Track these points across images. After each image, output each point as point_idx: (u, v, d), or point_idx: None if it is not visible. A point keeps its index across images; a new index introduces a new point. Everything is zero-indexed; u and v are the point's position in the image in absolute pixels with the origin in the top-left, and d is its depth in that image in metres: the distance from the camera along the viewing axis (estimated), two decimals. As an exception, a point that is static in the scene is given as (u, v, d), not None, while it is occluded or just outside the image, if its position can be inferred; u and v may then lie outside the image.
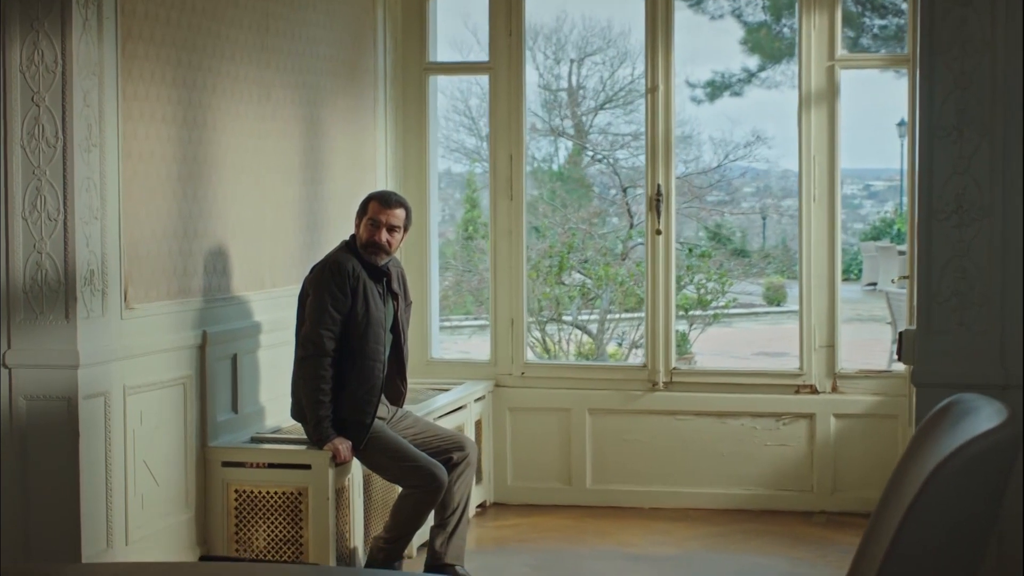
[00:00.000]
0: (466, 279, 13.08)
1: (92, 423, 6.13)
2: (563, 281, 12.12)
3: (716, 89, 21.43)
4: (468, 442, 7.27)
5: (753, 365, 15.21)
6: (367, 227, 6.99)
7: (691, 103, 21.19)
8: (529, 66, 19.23)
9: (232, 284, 7.26)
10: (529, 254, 12.04)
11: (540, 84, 18.14)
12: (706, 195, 17.08)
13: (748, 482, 8.82)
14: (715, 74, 21.16)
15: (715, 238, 18.14)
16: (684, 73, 21.33)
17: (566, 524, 8.62)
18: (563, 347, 12.07)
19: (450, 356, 9.83)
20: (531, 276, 11.97)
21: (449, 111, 17.40)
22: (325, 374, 6.83)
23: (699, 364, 14.01)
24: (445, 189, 18.96)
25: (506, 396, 9.04)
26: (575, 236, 12.34)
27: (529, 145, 18.04)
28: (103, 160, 6.19)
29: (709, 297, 12.51)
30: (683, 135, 17.59)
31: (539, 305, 12.07)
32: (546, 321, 12.02)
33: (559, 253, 11.91)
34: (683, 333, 12.91)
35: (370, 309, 6.90)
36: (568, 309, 12.13)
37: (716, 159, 15.25)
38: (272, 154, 7.61)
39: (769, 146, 15.05)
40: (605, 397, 8.94)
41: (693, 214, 15.33)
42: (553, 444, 9.01)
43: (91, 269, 6.14)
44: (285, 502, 6.92)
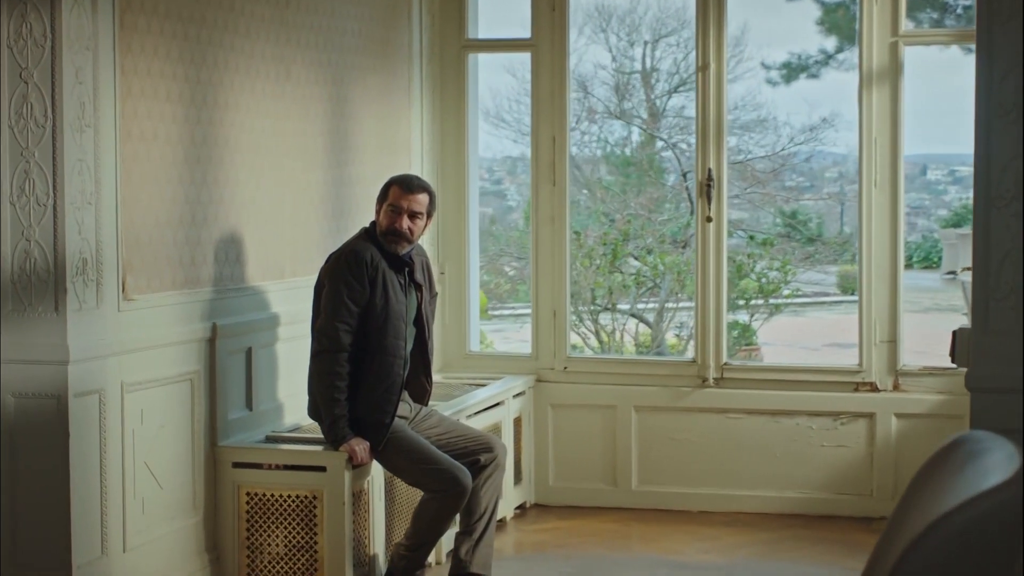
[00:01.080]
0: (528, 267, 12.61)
1: (84, 422, 5.73)
2: (621, 269, 11.63)
3: (792, 71, 20.89)
4: (497, 443, 6.81)
5: (814, 359, 14.66)
6: (387, 213, 6.55)
7: (767, 85, 20.62)
8: (602, 48, 18.77)
9: (247, 274, 6.84)
10: (583, 241, 11.58)
11: (613, 67, 17.65)
12: (783, 180, 16.56)
13: (803, 485, 8.31)
14: (791, 55, 20.63)
15: (791, 224, 17.62)
16: (760, 55, 20.76)
17: (609, 528, 8.15)
18: (617, 338, 11.59)
19: (498, 348, 9.33)
20: (583, 264, 11.49)
21: (520, 93, 16.92)
22: (341, 370, 6.41)
23: (765, 356, 13.53)
24: (520, 175, 18.51)
25: (548, 392, 8.58)
26: (631, 223, 11.84)
27: (603, 129, 17.62)
28: (98, 141, 5.78)
29: (771, 287, 11.98)
30: (758, 118, 17.06)
31: (592, 295, 11.60)
32: (600, 311, 11.54)
33: (613, 241, 11.42)
34: (746, 324, 12.39)
35: (390, 301, 6.46)
36: (623, 298, 11.65)
37: (782, 143, 14.71)
38: (292, 136, 7.18)
39: (836, 129, 14.48)
40: (652, 393, 8.46)
41: (762, 200, 14.79)
42: (597, 443, 8.54)
43: (84, 258, 5.73)
44: (299, 506, 6.49)
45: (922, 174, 29.68)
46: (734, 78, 16.93)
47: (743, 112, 16.60)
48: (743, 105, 16.68)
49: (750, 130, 16.27)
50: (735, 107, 16.28)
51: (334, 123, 7.56)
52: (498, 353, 9.10)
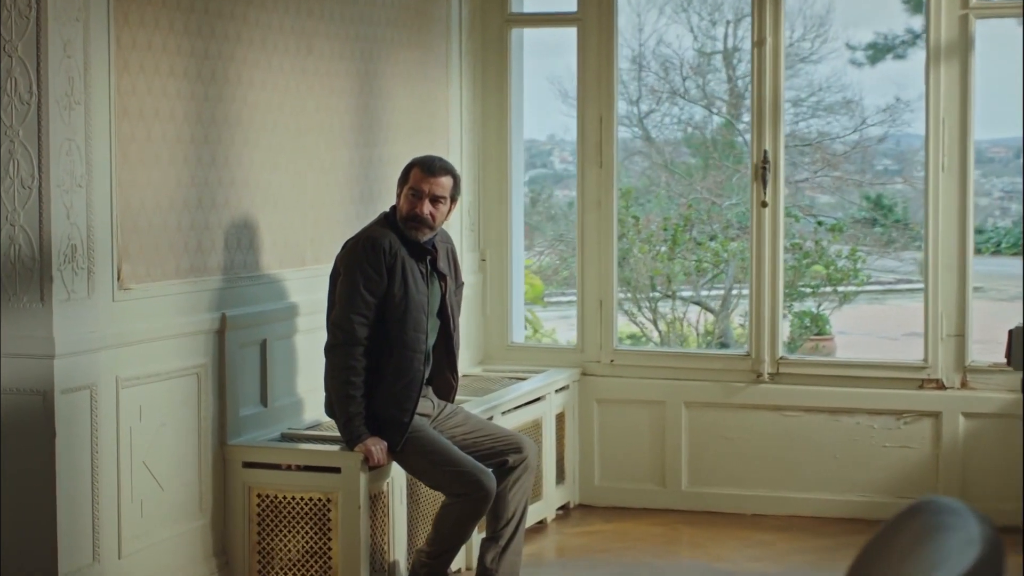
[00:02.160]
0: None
1: (73, 420, 5.34)
2: (686, 256, 11.14)
3: (878, 52, 20.33)
4: (527, 443, 6.37)
5: (890, 349, 14.09)
6: (408, 198, 6.12)
7: (852, 67, 20.01)
8: (683, 28, 18.26)
9: (261, 261, 6.43)
10: (642, 226, 11.11)
11: (695, 47, 17.13)
12: (870, 163, 16.01)
13: (863, 488, 7.80)
14: (877, 36, 20.05)
15: (877, 209, 17.04)
16: (845, 36, 20.16)
17: (656, 532, 7.69)
18: (676, 327, 11.10)
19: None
20: (642, 251, 11.01)
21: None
22: (356, 365, 5.99)
23: (838, 345, 12.99)
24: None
25: (593, 386, 8.12)
26: (692, 209, 11.34)
27: (685, 109, 17.10)
28: (89, 119, 5.38)
29: (839, 274, 11.43)
30: (844, 100, 16.48)
31: (652, 283, 11.12)
32: (659, 298, 11.06)
33: (673, 226, 10.92)
34: (817, 313, 11.84)
35: (409, 291, 6.03)
36: (684, 286, 11.17)
37: (855, 124, 14.13)
38: (314, 113, 6.76)
39: (912, 110, 13.89)
40: (703, 389, 7.98)
41: (834, 184, 14.23)
42: (645, 441, 8.08)
43: (73, 244, 5.33)
44: (312, 509, 6.08)
45: (1016, 157, 28.89)
46: (819, 59, 16.38)
47: (827, 94, 16.06)
48: (827, 87, 16.14)
49: (834, 112, 15.72)
50: (819, 88, 15.76)
51: (362, 100, 7.13)
52: (541, 345, 8.66)
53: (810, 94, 16.05)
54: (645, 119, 15.82)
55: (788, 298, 11.44)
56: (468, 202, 8.11)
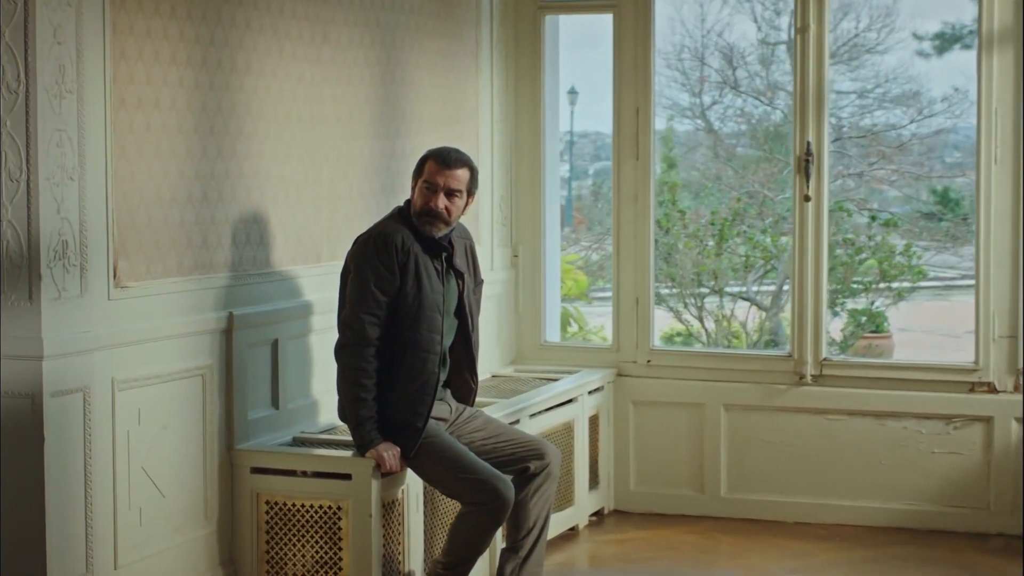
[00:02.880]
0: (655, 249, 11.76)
1: (64, 424, 5.09)
2: (734, 251, 10.79)
3: (945, 42, 19.92)
4: (549, 449, 6.07)
5: (952, 347, 13.66)
6: (422, 191, 5.83)
7: (919, 58, 19.59)
8: (747, 18, 17.89)
9: (273, 257, 6.16)
10: (688, 221, 10.78)
11: (759, 38, 16.79)
12: (939, 155, 15.66)
13: (910, 496, 7.45)
14: (945, 25, 19.64)
15: (943, 203, 16.62)
16: (912, 26, 19.73)
17: (693, 540, 7.36)
18: (724, 325, 10.76)
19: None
20: (687, 246, 10.67)
21: (660, 65, 16.10)
22: (367, 366, 5.71)
23: (896, 343, 12.60)
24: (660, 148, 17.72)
25: (629, 387, 7.80)
26: (741, 202, 10.98)
27: (748, 101, 16.74)
28: (82, 109, 5.12)
29: (893, 271, 11.03)
30: (911, 91, 16.09)
31: (698, 279, 10.78)
32: (706, 294, 10.72)
33: (721, 221, 10.57)
34: (875, 310, 11.46)
35: (423, 290, 5.74)
36: (731, 281, 10.82)
37: (909, 116, 13.75)
38: (331, 103, 6.48)
39: (972, 101, 13.46)
40: (743, 391, 7.64)
41: (886, 177, 13.85)
42: (682, 444, 7.76)
43: (63, 240, 5.08)
44: (322, 517, 5.81)
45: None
46: (884, 49, 16.03)
47: (894, 85, 15.70)
48: (893, 78, 15.77)
49: (901, 103, 15.34)
50: (886, 80, 15.40)
51: (384, 90, 6.84)
52: (576, 344, 8.33)
53: (876, 85, 15.68)
54: (708, 111, 15.49)
55: (840, 295, 11.07)
56: (499, 196, 7.82)
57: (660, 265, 10.86)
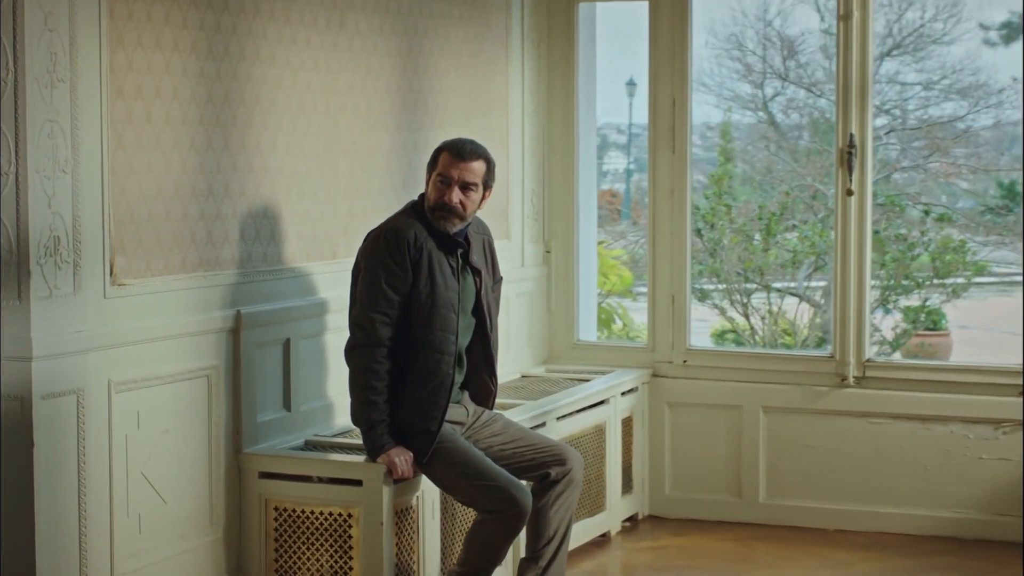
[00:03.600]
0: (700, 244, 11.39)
1: (55, 427, 4.86)
2: (781, 246, 10.46)
3: (1013, 31, 19.54)
4: (571, 454, 5.81)
5: (1015, 346, 13.26)
6: (436, 185, 5.58)
7: (985, 47, 19.20)
8: (809, 8, 17.55)
9: (285, 253, 5.92)
10: (734, 216, 10.48)
11: (821, 28, 16.47)
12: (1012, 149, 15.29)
13: (957, 504, 7.14)
14: (1011, 15, 19.25)
15: (1011, 196, 16.22)
16: (979, 15, 19.35)
17: (729, 548, 7.08)
18: (770, 322, 10.44)
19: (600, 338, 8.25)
20: (733, 241, 10.37)
21: (721, 55, 15.80)
22: (378, 368, 5.46)
23: (955, 342, 12.25)
24: (710, 138, 17.43)
25: (665, 388, 7.53)
26: (789, 196, 10.66)
27: (803, 93, 16.39)
28: (75, 98, 4.90)
29: (946, 267, 10.66)
30: (977, 82, 15.73)
31: (745, 275, 10.47)
32: (752, 291, 10.41)
33: (768, 215, 10.25)
34: (926, 307, 11.10)
35: (436, 288, 5.49)
36: (778, 277, 10.50)
37: (968, 106, 13.38)
38: (348, 94, 6.24)
39: (1030, 91, 13.09)
40: (783, 392, 7.35)
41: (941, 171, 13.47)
42: (720, 448, 7.48)
43: (55, 236, 4.85)
44: (332, 524, 5.57)
45: None
46: (951, 40, 15.71)
47: (961, 76, 15.35)
48: (960, 69, 15.43)
49: (968, 95, 14.99)
50: (952, 71, 15.07)
51: (406, 80, 6.60)
52: (610, 344, 8.04)
53: (942, 77, 15.34)
54: (770, 102, 15.18)
55: (892, 291, 10.72)
56: (531, 190, 7.56)
57: (706, 260, 10.57)
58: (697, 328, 11.56)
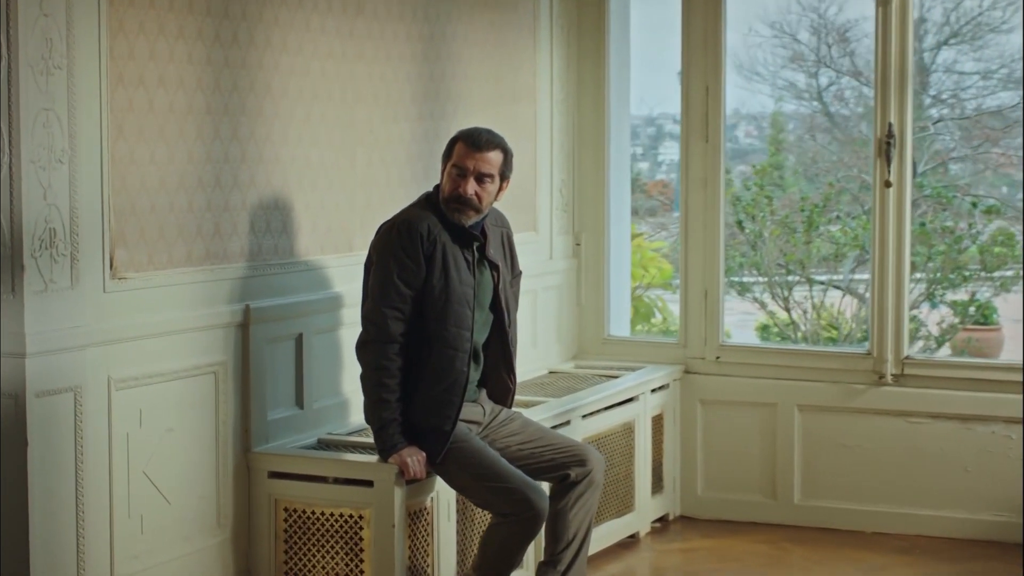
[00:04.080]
0: (741, 236, 11.11)
1: (51, 426, 4.71)
2: (824, 239, 10.19)
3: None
4: (592, 455, 5.61)
5: None
6: (450, 176, 5.39)
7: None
8: (868, -4, 17.26)
9: (298, 246, 5.75)
10: (776, 208, 10.25)
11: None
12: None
13: (998, 506, 6.89)
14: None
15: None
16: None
17: (761, 551, 6.87)
18: (813, 316, 10.19)
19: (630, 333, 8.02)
20: (774, 233, 10.13)
21: (775, 44, 15.52)
22: (389, 365, 5.28)
23: (1007, 337, 11.94)
24: (764, 128, 17.15)
25: (697, 385, 7.31)
26: (833, 187, 10.38)
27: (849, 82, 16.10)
28: (73, 86, 4.74)
29: (995, 261, 10.37)
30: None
31: (787, 268, 10.22)
32: (794, 284, 10.16)
33: (811, 207, 10.00)
34: (973, 300, 10.81)
35: (451, 282, 5.30)
36: (820, 270, 10.24)
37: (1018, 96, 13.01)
38: (366, 81, 6.05)
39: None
40: (819, 390, 7.12)
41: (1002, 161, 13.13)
42: (754, 447, 7.25)
43: (51, 228, 4.69)
44: (343, 526, 5.40)
45: None
46: (1010, 28, 15.40)
47: (1019, 65, 14.99)
48: (1019, 58, 15.07)
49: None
50: (1012, 60, 14.73)
51: (427, 67, 6.41)
52: (641, 339, 7.82)
53: (1000, 66, 15.00)
54: (824, 92, 14.89)
55: (938, 285, 10.44)
56: (560, 181, 7.36)
57: (747, 253, 10.32)
58: (742, 321, 11.33)
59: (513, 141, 5.98)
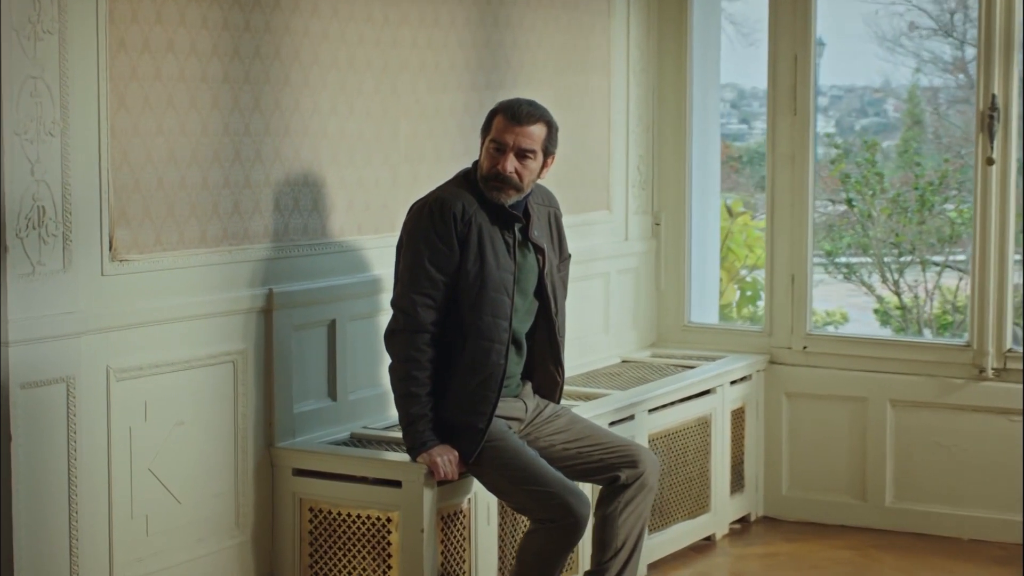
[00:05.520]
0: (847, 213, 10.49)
1: (39, 420, 4.35)
2: (937, 219, 9.54)
3: None
4: (645, 456, 5.13)
5: None
6: (489, 152, 4.94)
7: None
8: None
9: (331, 225, 5.34)
10: (887, 186, 9.67)
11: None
12: None
13: (1109, 515, 6.30)
14: None
15: None
16: None
17: (846, 557, 6.36)
18: (922, 301, 9.56)
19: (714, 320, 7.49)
20: (884, 212, 9.52)
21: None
22: (419, 356, 4.85)
23: None
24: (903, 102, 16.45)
25: (783, 376, 6.80)
26: (950, 164, 9.73)
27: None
28: (65, 52, 4.36)
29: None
30: None
31: (899, 249, 9.60)
32: (906, 266, 9.54)
33: (924, 185, 9.37)
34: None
35: (487, 267, 4.86)
36: (934, 252, 9.59)
37: None
38: (411, 48, 5.62)
39: None
40: (913, 385, 6.58)
41: None
42: (843, 444, 6.73)
43: (39, 206, 4.33)
44: (371, 529, 4.99)
45: None
46: None
47: None
48: None
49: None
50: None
51: (483, 33, 5.96)
52: (724, 327, 7.30)
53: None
54: (970, 64, 14.18)
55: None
56: (637, 157, 6.88)
57: (858, 232, 9.73)
58: (864, 304, 10.71)
59: (584, 115, 5.57)
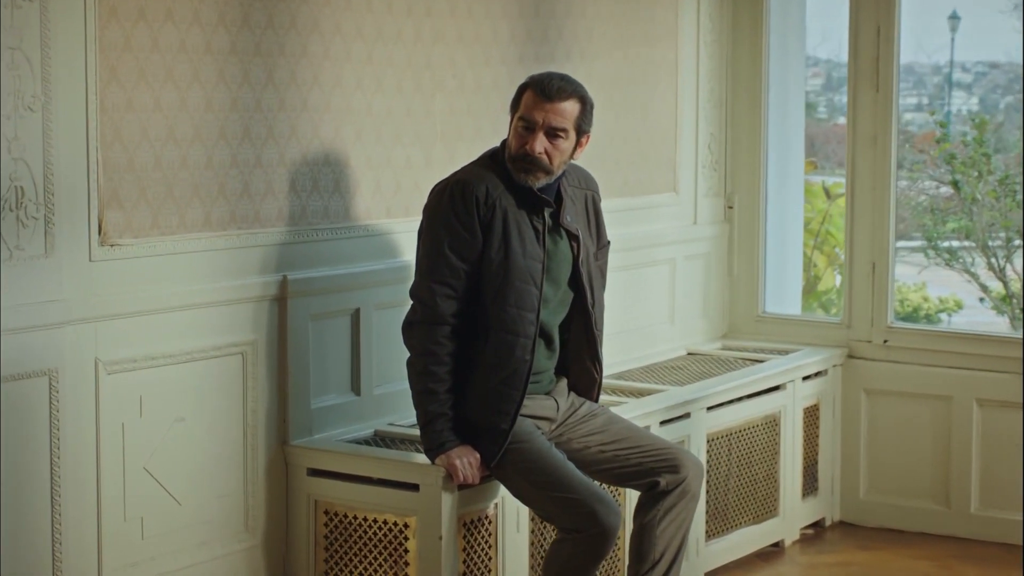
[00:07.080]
0: (939, 194, 9.93)
1: (16, 415, 4.06)
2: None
3: None
4: (688, 460, 4.72)
5: None
6: (516, 131, 4.56)
7: None
8: None
9: (356, 208, 4.99)
10: (997, 167, 9.13)
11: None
12: None
13: None
14: None
15: None
16: None
17: (922, 568, 5.92)
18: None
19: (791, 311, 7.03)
20: (990, 195, 8.98)
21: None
22: (439, 351, 4.49)
23: None
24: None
25: (862, 372, 6.35)
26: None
27: None
28: (46, 21, 4.06)
29: None
30: None
31: (1007, 236, 9.07)
32: (1014, 251, 9.01)
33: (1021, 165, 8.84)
34: None
35: (512, 255, 4.48)
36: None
37: None
38: (449, 18, 5.26)
39: None
40: (1001, 382, 6.11)
41: None
42: (926, 446, 6.28)
43: (17, 186, 4.03)
44: (387, 535, 4.64)
45: None
46: None
47: None
48: None
49: None
50: None
51: (532, 2, 5.57)
52: (800, 318, 6.83)
53: None
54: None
55: None
56: (708, 135, 6.46)
57: (961, 218, 9.20)
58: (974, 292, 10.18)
59: (647, 90, 5.15)
